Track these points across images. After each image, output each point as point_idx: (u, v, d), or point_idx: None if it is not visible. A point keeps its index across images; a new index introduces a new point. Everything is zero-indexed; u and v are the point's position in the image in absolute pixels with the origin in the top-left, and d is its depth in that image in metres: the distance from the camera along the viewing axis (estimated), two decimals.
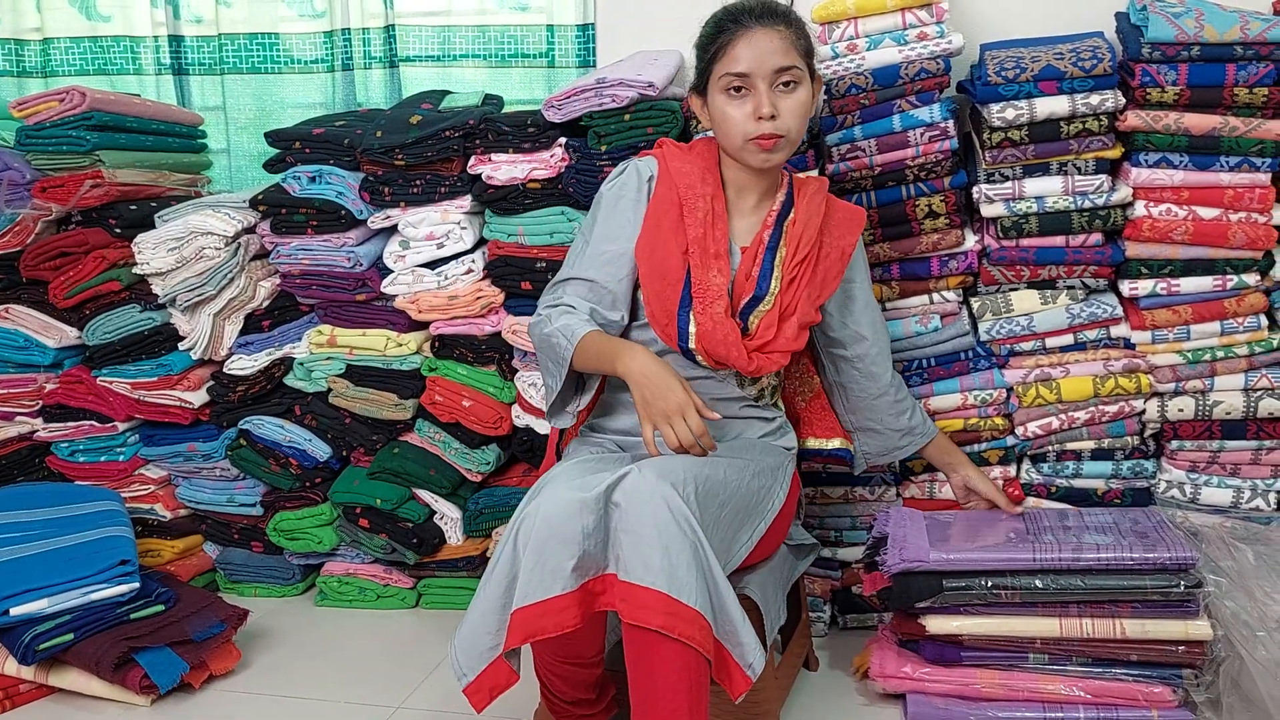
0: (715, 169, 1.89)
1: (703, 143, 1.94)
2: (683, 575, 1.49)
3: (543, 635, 1.52)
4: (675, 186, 1.86)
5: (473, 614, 1.61)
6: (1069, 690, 1.89)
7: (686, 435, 1.64)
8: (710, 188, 1.86)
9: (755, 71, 1.75)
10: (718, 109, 1.80)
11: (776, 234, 1.85)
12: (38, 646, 2.08)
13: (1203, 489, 2.17)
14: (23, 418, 2.69)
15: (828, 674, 2.16)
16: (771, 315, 1.81)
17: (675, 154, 1.91)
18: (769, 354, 1.81)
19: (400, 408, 2.48)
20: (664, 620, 1.48)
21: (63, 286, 2.55)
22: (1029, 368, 2.20)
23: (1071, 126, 2.10)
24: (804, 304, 1.84)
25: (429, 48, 2.86)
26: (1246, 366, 2.15)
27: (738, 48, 1.76)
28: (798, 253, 1.84)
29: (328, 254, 2.45)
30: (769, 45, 1.76)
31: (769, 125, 1.76)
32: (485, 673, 1.59)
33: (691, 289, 1.80)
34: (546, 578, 1.52)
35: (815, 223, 1.86)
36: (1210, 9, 2.06)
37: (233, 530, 2.66)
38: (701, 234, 1.82)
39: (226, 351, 2.56)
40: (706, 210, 1.84)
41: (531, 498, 1.60)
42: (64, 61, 3.06)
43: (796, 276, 1.83)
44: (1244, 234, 2.09)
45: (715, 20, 1.82)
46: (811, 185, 1.94)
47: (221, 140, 2.99)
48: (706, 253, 1.82)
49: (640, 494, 1.53)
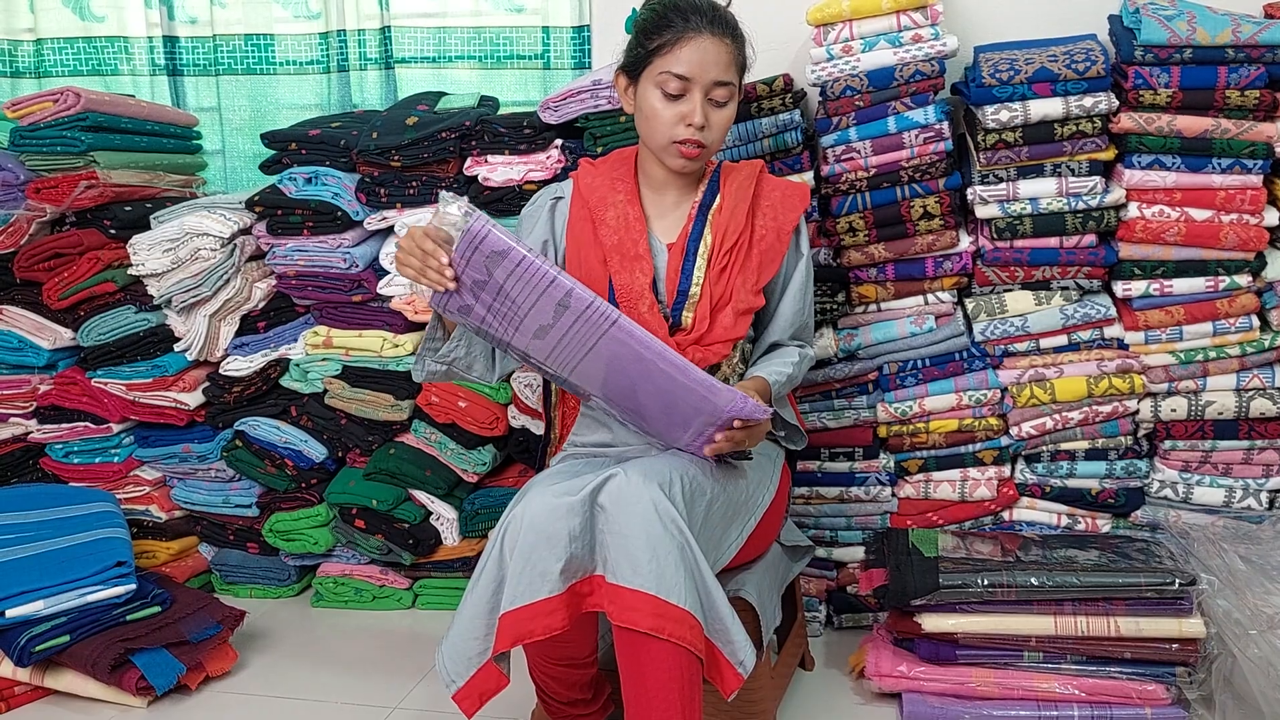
0: (630, 175, 1.88)
1: (617, 153, 1.95)
2: (670, 576, 1.50)
3: (531, 638, 1.53)
4: (586, 203, 1.87)
5: (459, 620, 1.61)
6: (1063, 688, 1.90)
7: (412, 248, 1.53)
8: (623, 194, 1.86)
9: (696, 78, 1.73)
10: (648, 103, 1.77)
11: (699, 225, 1.84)
12: (34, 648, 2.08)
13: (1195, 488, 2.19)
14: (17, 419, 2.69)
15: (823, 673, 2.17)
16: (703, 307, 1.79)
17: (587, 171, 1.91)
18: (707, 345, 1.79)
19: (396, 408, 2.48)
20: (653, 622, 1.49)
21: (57, 288, 2.55)
22: (1023, 368, 2.21)
23: (1065, 128, 2.11)
24: (740, 290, 1.81)
25: (424, 49, 2.86)
26: (1238, 367, 2.17)
27: (685, 49, 1.73)
28: (725, 241, 1.82)
29: (324, 255, 2.45)
30: (714, 56, 1.74)
31: (697, 134, 1.75)
32: (474, 678, 1.59)
33: (616, 294, 1.80)
34: (534, 580, 1.52)
35: (742, 208, 1.84)
36: (1202, 12, 2.08)
37: (228, 531, 2.66)
38: (618, 240, 1.82)
39: (222, 353, 2.56)
40: (619, 216, 1.84)
41: (516, 503, 1.60)
42: (58, 62, 3.06)
43: (727, 265, 1.81)
44: (1236, 235, 2.10)
45: (661, 8, 1.77)
46: (743, 171, 1.89)
47: (217, 141, 2.99)
48: (626, 255, 1.81)
49: (627, 496, 1.53)
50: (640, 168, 1.90)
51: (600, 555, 1.55)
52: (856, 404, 2.27)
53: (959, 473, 2.26)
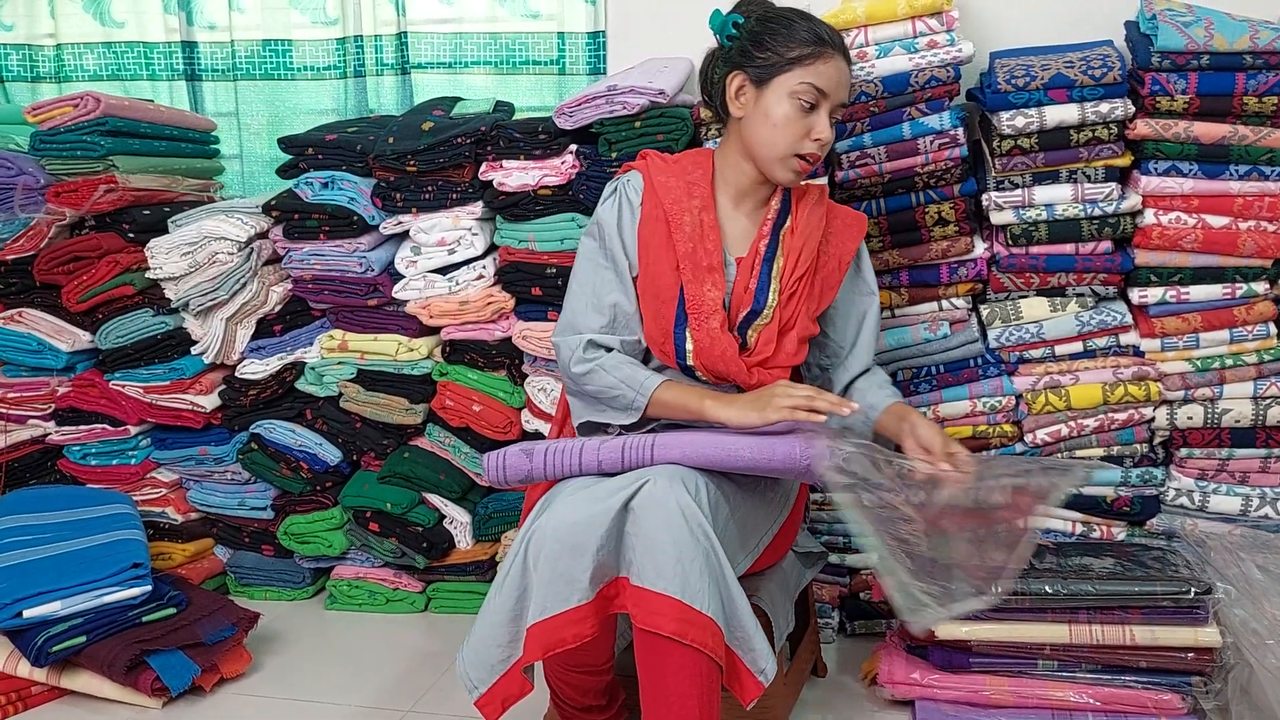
0: (706, 181, 1.84)
1: (690, 154, 1.90)
2: (696, 581, 1.49)
3: (562, 647, 1.52)
4: (660, 202, 1.81)
5: (481, 627, 1.60)
6: (1078, 697, 1.89)
7: (800, 399, 1.60)
8: (698, 200, 1.81)
9: (831, 95, 1.73)
10: (778, 111, 1.73)
11: (773, 244, 1.81)
12: (51, 649, 2.09)
13: (1211, 497, 2.17)
14: (35, 421, 2.71)
15: (836, 680, 2.16)
16: (771, 329, 1.77)
17: (659, 167, 1.85)
18: (770, 369, 1.78)
19: (411, 412, 2.49)
20: (676, 626, 1.49)
21: (76, 291, 2.57)
22: (1038, 375, 2.21)
23: (1081, 134, 2.10)
24: (803, 318, 1.80)
25: (440, 54, 2.87)
26: (1255, 374, 2.15)
27: (827, 65, 1.72)
28: (797, 268, 1.79)
29: (339, 259, 2.46)
30: (844, 78, 1.75)
31: (818, 149, 1.75)
32: (498, 684, 1.59)
33: (686, 305, 1.77)
34: (563, 589, 1.52)
35: (815, 236, 1.82)
36: (1220, 18, 2.07)
37: (243, 534, 2.68)
38: (691, 248, 1.78)
39: (238, 356, 2.58)
40: (694, 223, 1.79)
41: (541, 510, 1.59)
42: (78, 67, 3.08)
43: (796, 291, 1.79)
44: (1253, 242, 2.09)
45: (791, 18, 1.75)
46: (812, 194, 1.87)
47: (234, 146, 3.00)
48: (699, 266, 1.77)
49: (654, 499, 1.53)
50: (720, 174, 1.85)
51: (626, 557, 1.55)
52: None
53: None
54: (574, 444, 1.68)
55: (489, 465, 1.71)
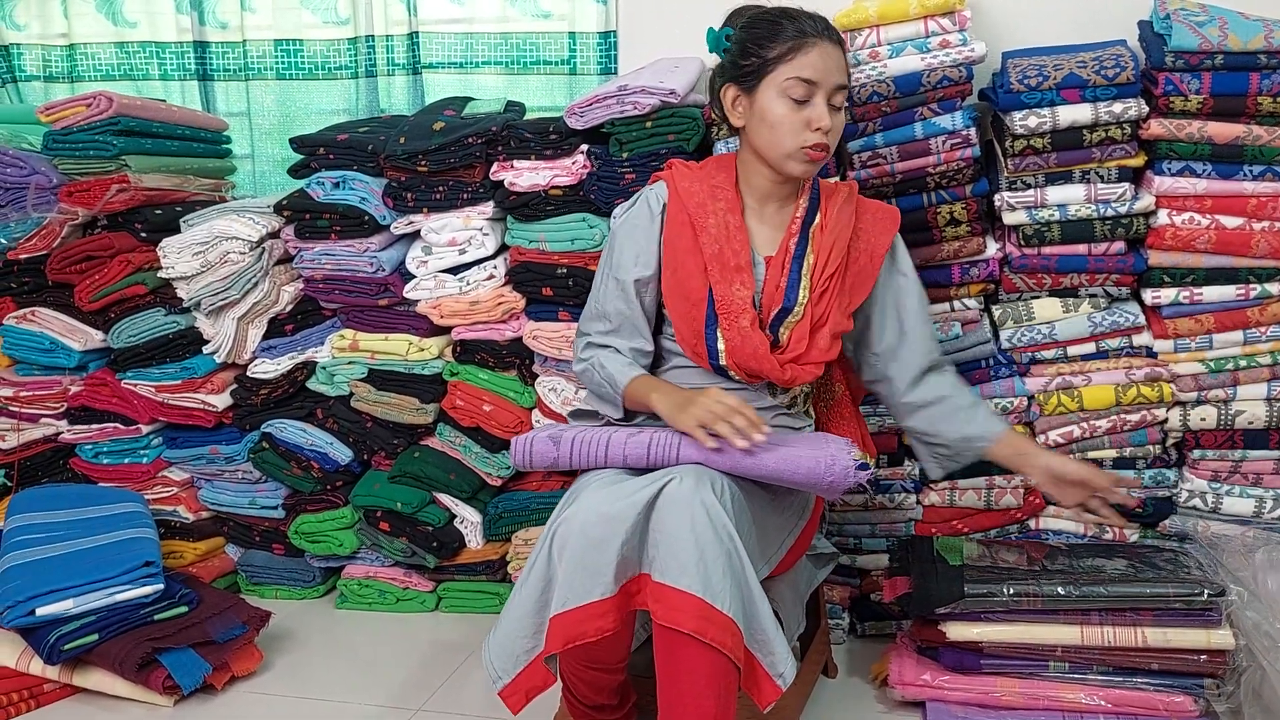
0: (730, 184, 1.86)
1: (714, 160, 1.92)
2: (717, 581, 1.50)
3: (583, 639, 1.52)
4: (685, 207, 1.84)
5: (506, 618, 1.62)
6: (1089, 699, 1.89)
7: (721, 408, 1.61)
8: (724, 202, 1.83)
9: (821, 82, 1.74)
10: (773, 111, 1.75)
11: (803, 242, 1.82)
12: (63, 646, 2.10)
13: (1224, 499, 2.16)
14: (48, 420, 2.72)
15: (846, 681, 2.16)
16: (803, 327, 1.79)
17: (684, 174, 1.89)
18: (804, 365, 1.79)
19: (421, 412, 2.49)
20: (696, 624, 1.49)
21: (88, 290, 2.57)
22: (1050, 376, 2.20)
23: (1094, 134, 2.09)
24: (835, 314, 1.81)
25: (451, 55, 2.87)
26: (1269, 376, 2.14)
27: (809, 54, 1.73)
28: (828, 265, 1.81)
29: (351, 259, 2.47)
30: (834, 60, 1.75)
31: (824, 138, 1.75)
32: (522, 675, 1.60)
33: (716, 305, 1.78)
34: (587, 582, 1.52)
35: (845, 234, 1.84)
36: (1234, 18, 2.06)
37: (254, 532, 2.68)
38: (718, 249, 1.80)
39: (250, 355, 2.58)
40: (720, 225, 1.81)
41: (567, 503, 1.61)
42: (90, 67, 3.09)
43: (827, 289, 1.80)
44: (1267, 243, 2.08)
45: (771, 18, 1.78)
46: (841, 192, 1.89)
47: (246, 145, 3.01)
48: (726, 266, 1.79)
49: (680, 497, 1.53)
50: (742, 177, 1.87)
51: (649, 554, 1.55)
52: (881, 410, 2.26)
53: (985, 480, 2.25)
54: (601, 435, 1.72)
55: (516, 449, 1.75)
